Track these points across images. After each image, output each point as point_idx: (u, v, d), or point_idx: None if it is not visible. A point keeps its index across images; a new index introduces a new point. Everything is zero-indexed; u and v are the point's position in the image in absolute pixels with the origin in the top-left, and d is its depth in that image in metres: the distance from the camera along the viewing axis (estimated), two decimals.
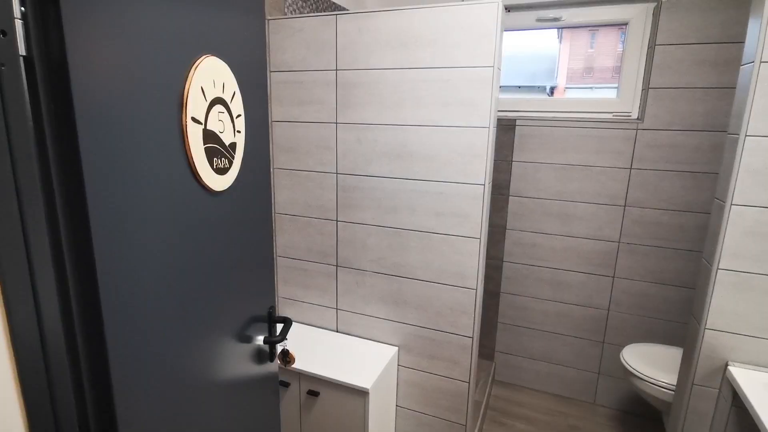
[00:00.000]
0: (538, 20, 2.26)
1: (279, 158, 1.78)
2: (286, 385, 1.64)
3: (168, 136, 0.72)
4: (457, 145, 1.50)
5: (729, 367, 1.28)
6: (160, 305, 0.74)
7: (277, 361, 1.33)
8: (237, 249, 0.97)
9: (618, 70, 2.32)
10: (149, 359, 0.72)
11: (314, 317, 1.90)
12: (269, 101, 1.75)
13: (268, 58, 1.70)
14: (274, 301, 1.20)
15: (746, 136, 1.17)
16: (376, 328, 1.78)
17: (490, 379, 2.45)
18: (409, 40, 1.49)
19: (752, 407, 1.13)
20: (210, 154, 0.82)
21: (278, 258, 1.89)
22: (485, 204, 1.51)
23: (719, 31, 1.85)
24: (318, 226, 1.79)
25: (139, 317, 0.70)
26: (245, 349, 1.04)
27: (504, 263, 2.42)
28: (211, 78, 0.81)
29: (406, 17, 1.48)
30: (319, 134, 1.70)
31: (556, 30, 2.39)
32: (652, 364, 1.84)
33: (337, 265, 1.79)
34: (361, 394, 1.52)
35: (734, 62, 1.85)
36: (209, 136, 0.82)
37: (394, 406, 1.81)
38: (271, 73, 1.72)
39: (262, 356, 1.16)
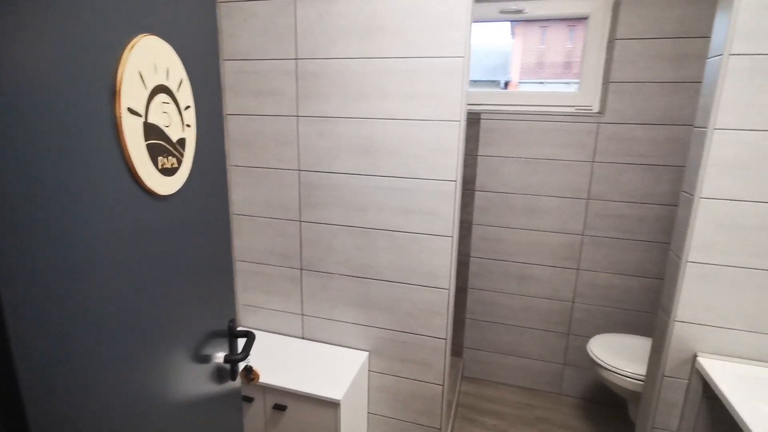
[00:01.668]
0: (502, 12, 2.23)
1: (234, 154, 1.64)
2: (249, 400, 1.52)
3: (97, 130, 0.59)
4: (426, 140, 1.43)
5: (698, 358, 1.30)
6: (93, 327, 0.62)
7: (240, 379, 1.22)
8: (190, 258, 0.85)
9: (568, 66, 2.34)
10: (79, 389, 0.60)
11: (278, 324, 1.78)
12: (222, 92, 1.61)
13: (220, 45, 1.56)
14: (235, 314, 1.09)
15: (714, 129, 1.18)
16: (344, 333, 1.69)
17: (459, 375, 2.43)
18: (375, 28, 1.40)
19: (724, 396, 1.14)
20: (154, 152, 0.70)
21: (237, 262, 1.76)
22: (456, 201, 1.45)
23: (676, 27, 1.89)
24: (279, 227, 1.67)
25: (64, 342, 0.57)
26: (202, 369, 0.93)
27: (470, 258, 2.40)
28: (151, 62, 0.68)
29: (371, 3, 1.38)
30: (278, 128, 1.58)
31: (509, 25, 2.39)
32: (617, 355, 1.87)
33: (301, 268, 1.68)
34: (332, 405, 1.43)
35: (690, 57, 1.89)
36: (152, 131, 0.70)
37: (366, 414, 1.73)
38: (224, 62, 1.58)
39: (223, 375, 1.04)
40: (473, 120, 2.24)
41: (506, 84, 2.48)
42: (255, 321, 1.81)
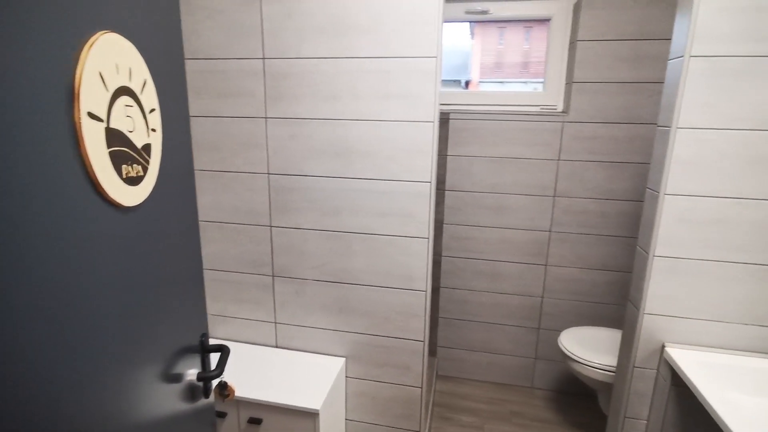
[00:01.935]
0: (467, 12, 2.24)
1: (200, 158, 1.56)
2: (222, 415, 1.45)
3: (54, 137, 0.53)
4: (400, 141, 1.41)
5: (666, 348, 1.35)
6: (51, 347, 0.56)
7: (214, 397, 1.16)
8: (158, 272, 0.79)
9: (525, 66, 2.40)
10: (37, 413, 0.54)
11: (250, 333, 1.71)
12: None
13: None
14: (207, 328, 1.03)
15: (677, 128, 1.22)
16: (320, 339, 1.65)
17: (434, 374, 2.44)
18: (346, 27, 1.36)
19: (692, 384, 1.19)
20: (117, 160, 0.65)
21: (205, 271, 1.68)
22: (432, 202, 1.44)
23: (633, 29, 1.96)
24: (249, 233, 1.61)
25: (20, 363, 0.51)
26: (173, 389, 0.87)
27: (442, 258, 2.40)
28: (112, 61, 0.63)
29: (341, 1, 1.35)
30: (246, 130, 1.51)
31: (468, 26, 2.42)
32: (587, 347, 1.92)
33: (273, 275, 1.63)
34: (310, 416, 1.39)
35: (647, 58, 1.97)
36: (115, 137, 0.64)
37: (344, 421, 1.70)
38: (186, 61, 1.50)
39: (195, 394, 0.98)
40: (443, 120, 2.25)
41: (467, 83, 2.51)
42: (225, 331, 1.74)
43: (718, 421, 1.06)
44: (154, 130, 0.75)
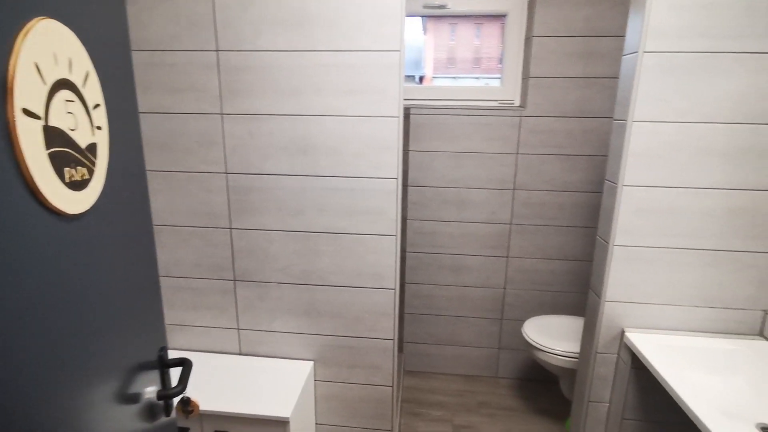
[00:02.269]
0: (425, 6, 2.23)
1: (151, 158, 1.45)
2: (185, 431, 1.37)
3: None
4: (365, 137, 1.38)
5: (626, 333, 1.40)
6: None
7: (176, 414, 1.08)
8: (109, 283, 0.72)
9: (477, 62, 2.44)
10: None
11: (210, 342, 1.63)
12: None
13: None
14: (166, 341, 0.96)
15: (633, 122, 1.27)
16: (287, 344, 1.59)
17: (402, 371, 2.43)
18: (305, 19, 1.31)
19: (651, 365, 1.24)
20: (58, 162, 0.57)
21: (160, 278, 1.57)
22: (399, 198, 1.42)
23: (584, 26, 2.03)
24: (207, 237, 1.52)
25: None
26: (130, 410, 0.80)
27: (407, 254, 2.40)
28: (50, 51, 0.55)
29: None
30: (200, 127, 1.42)
31: (420, 21, 2.43)
32: (550, 336, 1.98)
33: (234, 280, 1.55)
34: (281, 424, 1.33)
35: (597, 55, 2.04)
36: (55, 137, 0.56)
37: (314, 425, 1.65)
38: (132, 53, 1.38)
39: (156, 413, 0.91)
40: (404, 115, 2.23)
41: (421, 79, 2.52)
42: (183, 341, 1.64)
43: (677, 399, 1.11)
44: (99, 127, 0.68)
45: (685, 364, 1.28)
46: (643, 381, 1.41)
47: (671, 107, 1.24)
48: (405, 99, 2.30)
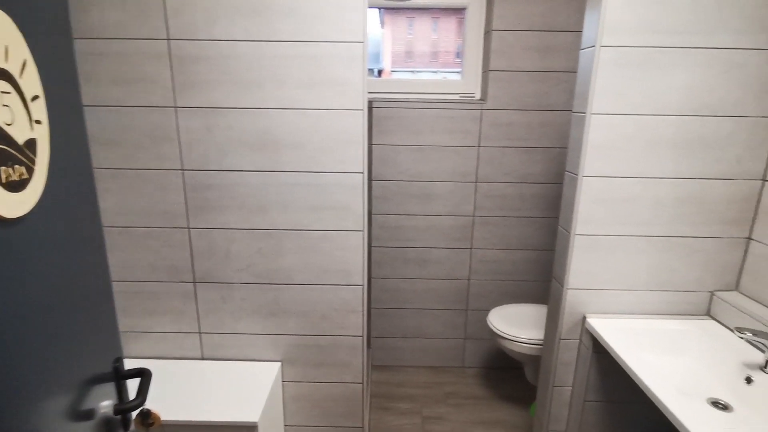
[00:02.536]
0: None
1: (97, 155, 1.35)
2: None
3: None
4: (330, 131, 1.34)
5: (587, 319, 1.46)
6: None
7: (135, 428, 1.02)
8: (55, 292, 0.66)
9: (435, 56, 2.45)
10: None
11: (170, 348, 1.55)
12: None
13: None
14: (121, 351, 0.90)
15: (591, 114, 1.31)
16: (252, 345, 1.54)
17: (370, 366, 2.43)
18: (263, 7, 1.25)
19: (611, 348, 1.30)
20: None
21: (112, 283, 1.47)
22: (365, 193, 1.40)
23: (540, 21, 2.07)
24: (163, 237, 1.44)
25: None
26: (84, 427, 0.74)
27: (373, 248, 2.38)
28: None
29: None
30: (152, 122, 1.34)
31: (377, 14, 2.41)
32: (514, 324, 2.03)
33: (194, 281, 1.48)
34: (249, 429, 1.28)
35: (554, 49, 2.10)
36: None
37: (283, 428, 1.61)
38: (74, 41, 1.27)
39: (112, 428, 0.85)
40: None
41: (379, 72, 2.51)
42: (140, 349, 1.55)
43: (635, 378, 1.16)
44: (38, 122, 0.61)
45: (642, 345, 1.34)
46: (604, 364, 1.47)
47: (626, 100, 1.29)
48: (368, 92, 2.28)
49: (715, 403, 1.16)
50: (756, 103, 1.29)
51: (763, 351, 1.19)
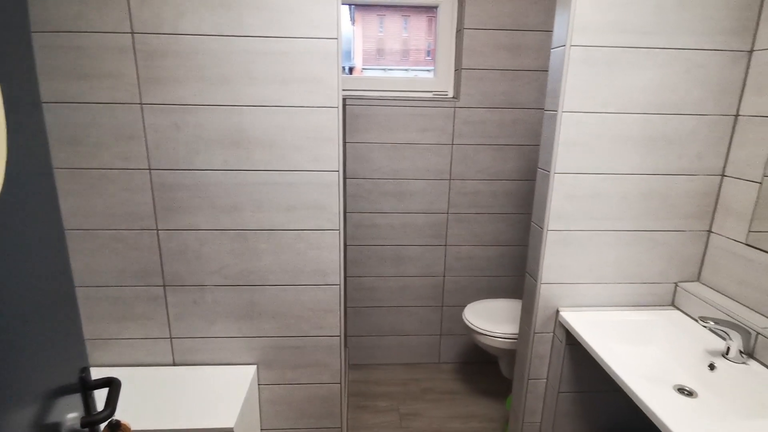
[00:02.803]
0: None
1: (58, 154, 1.28)
2: None
3: None
4: (304, 128, 1.32)
5: (560, 313, 1.49)
6: None
7: None
8: (14, 299, 0.62)
9: (405, 54, 2.46)
10: None
11: (139, 355, 1.49)
12: None
13: None
14: (87, 361, 0.86)
15: (563, 112, 1.34)
16: (226, 349, 1.50)
17: (347, 365, 2.41)
18: (232, 1, 1.22)
19: (583, 340, 1.33)
20: None
21: (75, 289, 1.40)
22: (340, 192, 1.38)
23: (510, 20, 2.11)
24: (129, 240, 1.38)
25: None
26: None
27: (348, 247, 2.37)
28: None
29: None
30: (116, 119, 1.28)
31: (348, 12, 2.40)
32: (489, 319, 2.06)
33: (164, 285, 1.43)
34: None
35: (524, 48, 2.13)
36: None
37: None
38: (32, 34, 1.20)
39: None
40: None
41: (351, 70, 2.49)
42: (106, 357, 1.48)
43: (606, 368, 1.20)
44: None
45: (612, 336, 1.39)
46: (577, 356, 1.51)
47: (595, 99, 1.33)
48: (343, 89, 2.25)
49: (681, 390, 1.21)
50: (715, 102, 1.35)
51: (724, 339, 1.25)
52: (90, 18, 1.21)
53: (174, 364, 1.51)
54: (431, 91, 2.30)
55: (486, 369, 2.54)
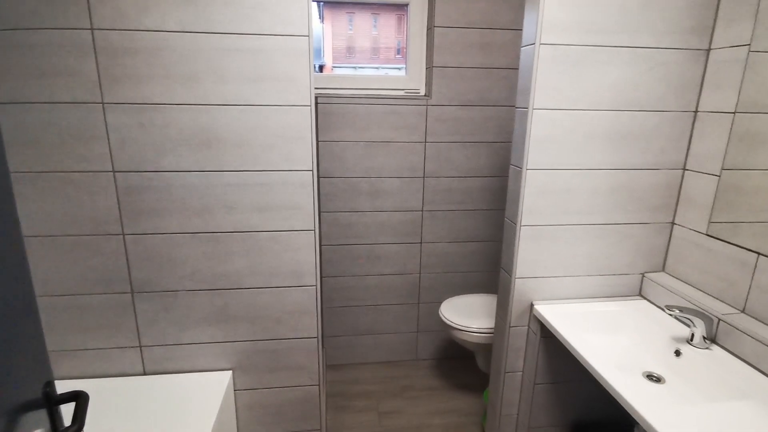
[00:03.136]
0: None
1: (14, 157, 1.21)
2: None
3: None
4: (276, 127, 1.29)
5: (534, 306, 1.52)
6: None
7: None
8: None
9: (376, 52, 2.47)
10: None
11: (107, 365, 1.43)
12: None
13: None
14: (51, 374, 0.81)
15: (534, 109, 1.36)
16: (200, 356, 1.46)
17: (325, 366, 2.39)
18: None
19: (557, 332, 1.37)
20: None
21: (36, 298, 1.32)
22: (315, 191, 1.36)
23: (480, 18, 2.13)
24: (94, 246, 1.32)
25: None
26: None
27: (323, 247, 2.35)
28: None
29: None
30: (76, 119, 1.22)
31: (316, 9, 2.39)
32: (465, 315, 2.08)
33: (132, 291, 1.37)
34: None
35: (494, 46, 2.16)
36: None
37: None
38: None
39: None
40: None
41: (321, 68, 2.47)
42: (73, 369, 1.42)
43: (579, 358, 1.23)
44: None
45: (584, 327, 1.42)
46: (551, 347, 1.55)
47: (564, 96, 1.36)
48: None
49: (650, 376, 1.26)
50: (676, 99, 1.41)
51: (688, 326, 1.31)
52: (47, 14, 1.14)
53: (145, 374, 1.45)
54: (403, 89, 2.30)
55: (463, 364, 2.57)
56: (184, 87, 1.23)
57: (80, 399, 0.83)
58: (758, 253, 1.21)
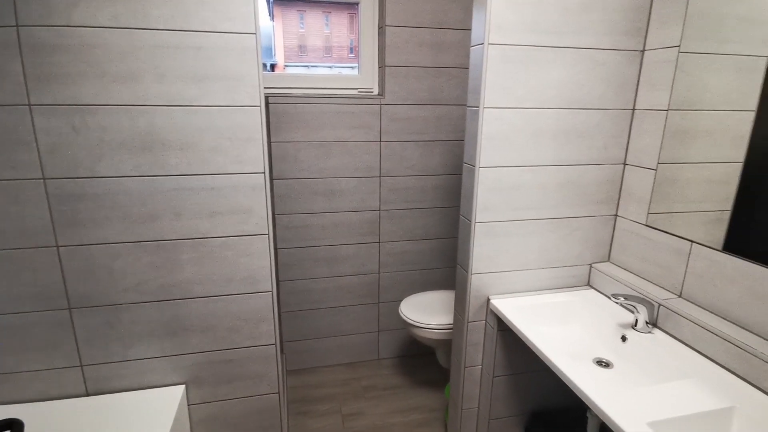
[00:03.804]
0: None
1: None
2: None
3: None
4: (223, 129, 1.24)
5: (491, 301, 1.56)
6: None
7: None
8: None
9: (328, 51, 2.45)
10: None
11: (44, 388, 1.32)
12: None
13: None
14: None
15: (484, 108, 1.38)
16: (149, 371, 1.38)
17: (285, 372, 2.34)
18: None
19: (513, 325, 1.40)
20: None
21: None
22: (268, 194, 1.32)
23: (430, 18, 2.15)
24: (24, 260, 1.21)
25: None
26: None
27: (279, 250, 2.29)
28: None
29: None
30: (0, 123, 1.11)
31: (266, 7, 2.34)
32: (424, 312, 2.10)
33: (69, 308, 1.27)
34: None
35: (444, 45, 2.19)
36: None
37: None
38: None
39: None
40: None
41: (272, 67, 2.42)
42: (7, 393, 1.30)
43: (534, 349, 1.27)
44: None
45: (537, 319, 1.47)
46: (508, 340, 1.59)
47: (513, 95, 1.39)
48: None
49: (599, 362, 1.32)
50: (616, 97, 1.48)
51: (633, 312, 1.38)
52: None
53: (87, 394, 1.35)
54: (356, 89, 2.28)
55: (424, 361, 2.60)
56: (120, 87, 1.15)
57: (14, 427, 0.76)
58: (692, 241, 1.30)
